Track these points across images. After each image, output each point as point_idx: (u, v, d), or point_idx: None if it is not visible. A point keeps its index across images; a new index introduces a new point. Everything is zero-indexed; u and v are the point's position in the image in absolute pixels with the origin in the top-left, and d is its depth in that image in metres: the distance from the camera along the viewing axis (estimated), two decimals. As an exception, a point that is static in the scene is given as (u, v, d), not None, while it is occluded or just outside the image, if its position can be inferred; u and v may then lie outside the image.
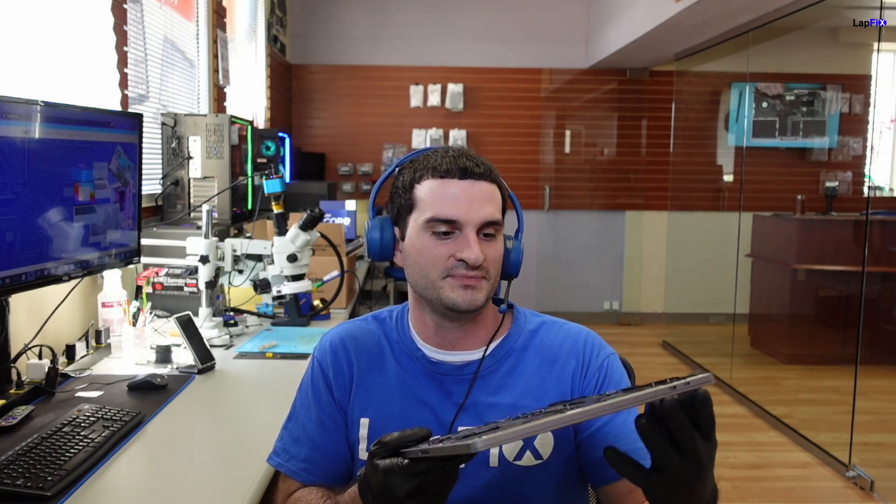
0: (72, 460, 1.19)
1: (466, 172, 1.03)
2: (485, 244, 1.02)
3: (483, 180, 1.04)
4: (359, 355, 1.12)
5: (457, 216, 1.01)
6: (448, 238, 1.02)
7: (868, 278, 3.50)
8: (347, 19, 5.95)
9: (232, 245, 2.20)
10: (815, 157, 5.76)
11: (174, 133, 2.72)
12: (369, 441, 1.07)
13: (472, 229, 1.01)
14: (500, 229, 1.05)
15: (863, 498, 3.04)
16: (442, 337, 1.09)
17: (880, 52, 3.75)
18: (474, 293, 1.01)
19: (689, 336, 5.63)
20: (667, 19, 4.21)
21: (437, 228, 1.02)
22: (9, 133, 1.39)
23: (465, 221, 1.01)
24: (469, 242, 1.00)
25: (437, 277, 1.02)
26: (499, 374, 1.08)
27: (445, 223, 1.01)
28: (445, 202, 1.02)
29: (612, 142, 6.19)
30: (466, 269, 1.01)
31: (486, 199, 1.03)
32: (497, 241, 1.05)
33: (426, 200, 1.03)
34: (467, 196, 1.02)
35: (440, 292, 1.02)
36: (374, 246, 1.09)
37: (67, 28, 2.12)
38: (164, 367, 1.80)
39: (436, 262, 1.02)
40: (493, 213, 1.03)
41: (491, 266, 1.03)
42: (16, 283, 1.44)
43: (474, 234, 1.01)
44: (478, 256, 1.00)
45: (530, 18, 6.02)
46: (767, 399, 4.08)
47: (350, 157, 5.98)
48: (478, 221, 1.01)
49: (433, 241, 1.02)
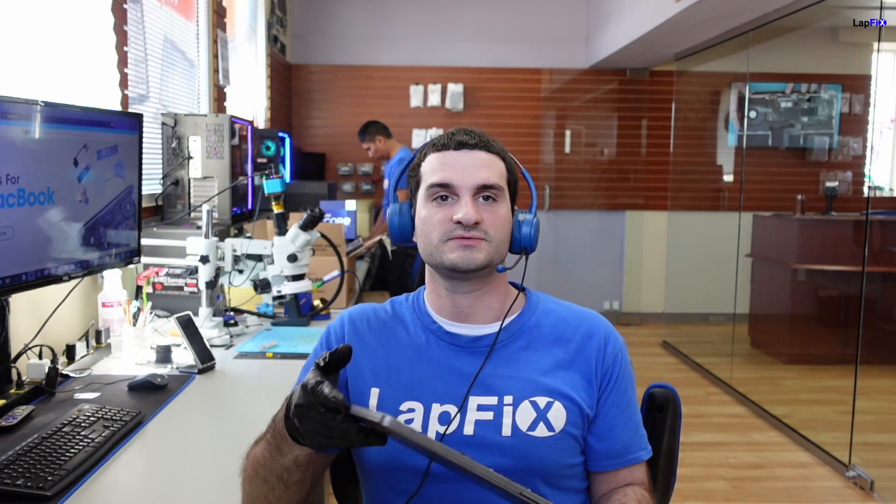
0: (72, 460, 1.19)
1: (461, 144, 1.11)
2: (483, 207, 1.08)
3: (477, 149, 1.11)
4: (370, 329, 1.17)
5: (450, 180, 1.08)
6: (446, 203, 1.09)
7: (868, 278, 3.50)
8: (347, 19, 5.95)
9: (232, 245, 2.20)
10: (816, 157, 5.76)
11: (174, 133, 2.72)
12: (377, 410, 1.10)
13: (466, 192, 1.07)
14: (500, 194, 1.10)
15: (863, 498, 3.04)
16: (455, 306, 1.13)
17: (880, 52, 3.75)
18: (472, 252, 1.07)
19: (689, 336, 5.63)
20: (667, 19, 4.21)
21: (436, 194, 1.09)
22: (9, 133, 1.39)
23: (460, 185, 1.08)
24: (461, 204, 1.07)
25: (439, 241, 1.08)
26: (512, 348, 1.11)
27: (442, 187, 1.08)
28: (442, 169, 1.09)
29: (612, 142, 6.19)
30: (464, 231, 1.06)
31: (482, 165, 1.10)
32: (498, 205, 1.10)
33: (427, 172, 1.12)
34: (461, 163, 1.09)
35: (442, 256, 1.08)
36: (394, 229, 1.16)
37: (67, 28, 2.12)
38: (164, 367, 1.80)
39: (437, 226, 1.09)
40: (488, 178, 1.09)
41: (491, 228, 1.09)
42: (16, 283, 1.44)
43: (469, 196, 1.07)
44: (469, 215, 1.05)
45: (530, 18, 6.02)
46: (767, 399, 4.08)
47: (350, 157, 5.98)
48: (472, 185, 1.08)
49: (434, 208, 1.09)
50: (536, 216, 1.17)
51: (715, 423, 3.89)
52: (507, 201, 1.12)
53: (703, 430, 3.76)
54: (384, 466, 1.08)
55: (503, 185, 1.11)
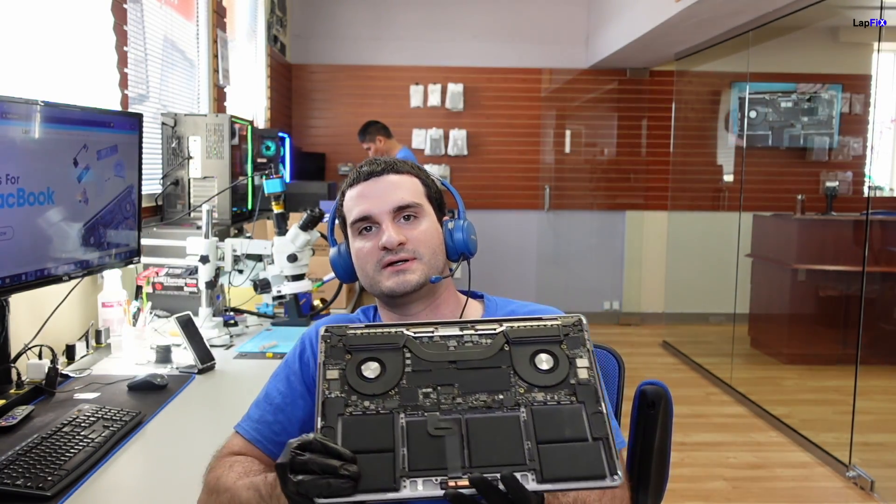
0: (72, 460, 1.19)
1: (370, 174, 1.14)
2: (406, 227, 1.11)
3: (385, 174, 1.14)
4: None
5: (367, 211, 1.11)
6: (371, 233, 1.12)
7: (868, 278, 3.50)
8: (347, 19, 5.95)
9: (232, 245, 2.20)
10: (816, 156, 5.76)
11: (174, 133, 2.72)
12: None
13: (386, 217, 1.11)
14: (419, 210, 1.13)
15: (863, 498, 3.04)
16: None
17: (880, 52, 3.75)
18: (405, 275, 1.09)
19: (689, 336, 5.63)
20: (667, 19, 4.21)
21: (360, 228, 1.13)
22: (9, 133, 1.39)
23: (377, 212, 1.11)
24: (383, 230, 1.10)
25: (374, 271, 1.11)
26: None
27: (363, 220, 1.12)
28: (358, 203, 1.13)
29: (612, 142, 6.19)
30: (392, 255, 1.09)
31: (393, 188, 1.13)
32: (420, 222, 1.13)
33: (348, 209, 1.15)
34: (374, 192, 1.12)
35: (380, 284, 1.11)
36: (338, 269, 1.20)
37: (67, 28, 2.12)
38: (164, 367, 1.80)
39: (368, 257, 1.12)
40: (402, 198, 1.12)
41: (418, 245, 1.11)
42: (16, 283, 1.44)
43: (389, 220, 1.10)
44: (390, 238, 1.08)
45: (530, 18, 6.02)
46: (767, 399, 4.08)
47: (350, 157, 5.97)
48: (388, 209, 1.11)
49: (362, 241, 1.13)
50: (466, 220, 1.19)
51: (715, 423, 3.89)
52: (431, 215, 1.15)
53: (703, 430, 3.76)
54: None
55: (420, 202, 1.14)
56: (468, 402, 0.81)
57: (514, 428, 0.79)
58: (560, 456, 0.76)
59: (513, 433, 0.78)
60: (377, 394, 0.82)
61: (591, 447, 0.77)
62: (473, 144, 5.99)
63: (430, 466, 0.76)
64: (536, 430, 0.78)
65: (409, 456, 0.76)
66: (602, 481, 0.74)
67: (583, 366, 0.85)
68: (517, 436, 0.78)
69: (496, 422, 0.80)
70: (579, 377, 0.83)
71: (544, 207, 6.15)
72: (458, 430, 0.79)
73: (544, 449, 0.77)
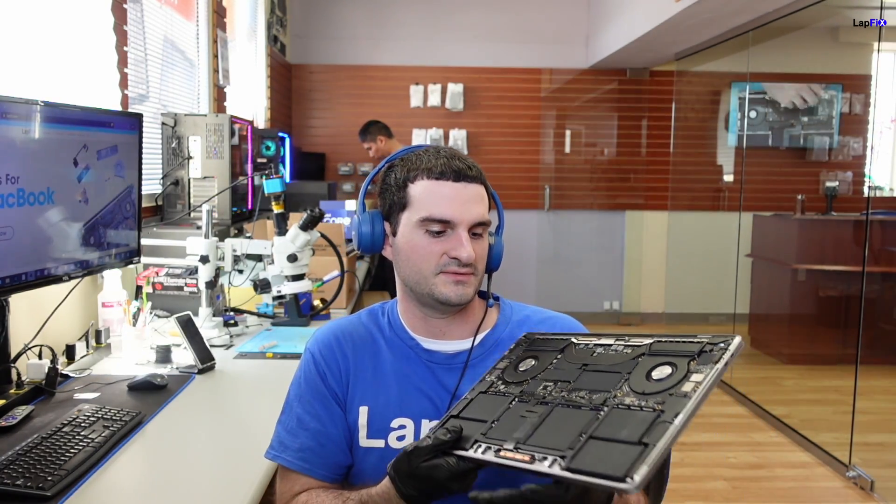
0: (72, 460, 1.19)
1: (460, 175, 1.08)
2: (474, 242, 1.08)
3: (475, 182, 1.09)
4: (354, 348, 1.16)
5: (451, 217, 1.07)
6: (441, 237, 1.07)
7: (868, 278, 3.50)
8: (347, 19, 5.95)
9: (232, 245, 2.19)
10: (816, 156, 5.76)
11: (174, 133, 2.72)
12: (369, 428, 1.11)
13: (464, 229, 1.07)
14: (486, 228, 1.11)
15: (863, 498, 3.04)
16: (432, 326, 1.14)
17: (880, 52, 3.75)
18: (465, 288, 1.08)
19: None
20: (667, 19, 4.21)
21: (431, 227, 1.07)
22: (9, 133, 1.39)
23: (459, 221, 1.07)
24: (462, 242, 1.06)
25: (430, 273, 1.08)
26: (488, 362, 1.11)
27: (440, 223, 1.07)
28: (441, 203, 1.07)
29: (612, 142, 6.19)
30: (458, 266, 1.07)
31: (478, 200, 1.09)
32: (484, 239, 1.12)
33: (421, 200, 1.08)
34: (461, 198, 1.07)
35: (433, 288, 1.08)
36: (365, 239, 1.14)
37: (67, 28, 2.12)
38: (164, 367, 1.80)
39: (429, 258, 1.08)
40: (483, 214, 1.09)
41: (479, 262, 1.10)
42: (16, 283, 1.44)
43: (467, 233, 1.07)
44: (471, 255, 1.06)
45: (530, 18, 6.02)
46: (767, 399, 4.08)
47: (350, 157, 5.98)
48: (470, 221, 1.07)
49: (427, 239, 1.08)
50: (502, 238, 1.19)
51: (715, 423, 3.89)
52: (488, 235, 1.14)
53: (703, 430, 3.76)
54: None
55: (490, 220, 1.12)
56: (571, 396, 0.86)
57: (583, 421, 0.80)
58: (598, 452, 0.75)
59: (578, 425, 0.80)
60: (515, 381, 0.95)
61: (630, 449, 0.73)
62: (473, 144, 5.99)
63: (499, 437, 0.84)
64: (598, 427, 0.78)
65: (494, 426, 0.87)
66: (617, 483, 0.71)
67: (695, 380, 0.79)
68: (579, 428, 0.79)
69: (573, 414, 0.83)
70: (681, 389, 0.79)
71: (544, 207, 6.15)
72: (540, 416, 0.84)
73: (591, 442, 0.77)
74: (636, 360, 0.88)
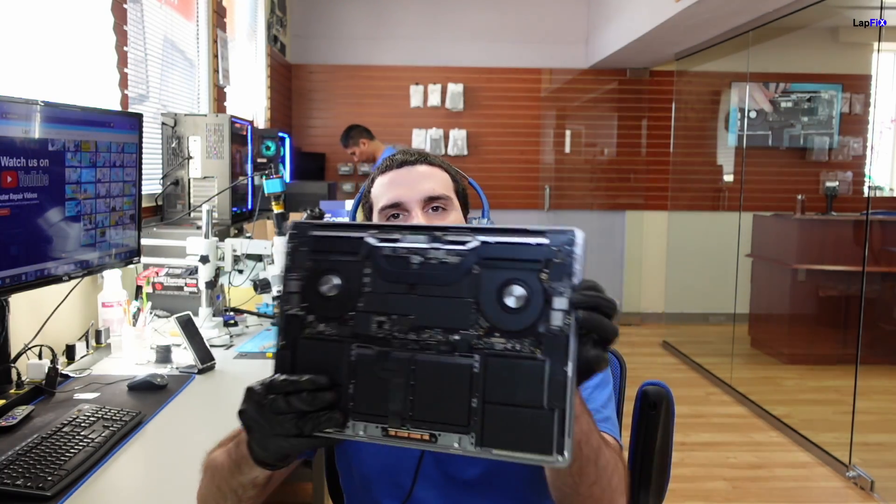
0: (72, 460, 1.19)
1: (403, 163, 1.15)
2: (434, 217, 1.11)
3: (418, 164, 1.14)
4: None
5: (398, 198, 1.11)
6: (399, 220, 1.12)
7: (868, 278, 3.50)
8: (347, 19, 5.95)
9: (232, 245, 2.20)
10: (816, 156, 5.76)
11: (174, 133, 2.72)
12: None
13: (416, 205, 1.11)
14: (448, 203, 1.13)
15: (863, 498, 3.04)
16: None
17: (880, 52, 3.75)
18: None
19: (689, 336, 5.63)
20: (667, 19, 4.21)
21: (388, 215, 1.13)
22: (9, 133, 1.39)
23: (408, 199, 1.11)
24: (411, 217, 1.10)
25: None
26: None
27: (393, 207, 1.12)
28: (389, 190, 1.13)
29: (612, 142, 6.19)
30: None
31: (425, 177, 1.13)
32: (448, 214, 1.13)
33: (376, 196, 1.15)
34: (406, 179, 1.13)
35: None
36: None
37: (67, 28, 2.12)
38: (164, 367, 1.80)
39: None
40: (433, 188, 1.12)
41: None
42: (16, 283, 1.44)
43: (419, 209, 1.11)
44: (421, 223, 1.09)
45: (530, 18, 6.02)
46: (767, 399, 4.08)
47: (350, 157, 5.97)
48: (419, 198, 1.11)
49: None
50: (490, 219, 1.21)
51: (715, 423, 3.89)
52: (458, 210, 1.16)
53: (703, 430, 3.76)
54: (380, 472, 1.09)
55: (450, 195, 1.14)
56: (422, 338, 0.73)
57: (462, 380, 0.71)
58: (506, 420, 0.68)
59: (460, 386, 0.71)
60: (333, 317, 0.76)
61: (542, 416, 0.67)
62: (473, 144, 5.99)
63: (372, 412, 0.73)
64: (486, 387, 0.70)
65: (354, 395, 0.74)
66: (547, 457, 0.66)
67: (559, 307, 0.71)
68: (464, 390, 0.70)
69: (445, 370, 0.72)
70: (550, 324, 0.70)
71: (544, 207, 6.15)
72: (405, 373, 0.72)
73: (490, 410, 0.69)
74: (473, 275, 0.73)
